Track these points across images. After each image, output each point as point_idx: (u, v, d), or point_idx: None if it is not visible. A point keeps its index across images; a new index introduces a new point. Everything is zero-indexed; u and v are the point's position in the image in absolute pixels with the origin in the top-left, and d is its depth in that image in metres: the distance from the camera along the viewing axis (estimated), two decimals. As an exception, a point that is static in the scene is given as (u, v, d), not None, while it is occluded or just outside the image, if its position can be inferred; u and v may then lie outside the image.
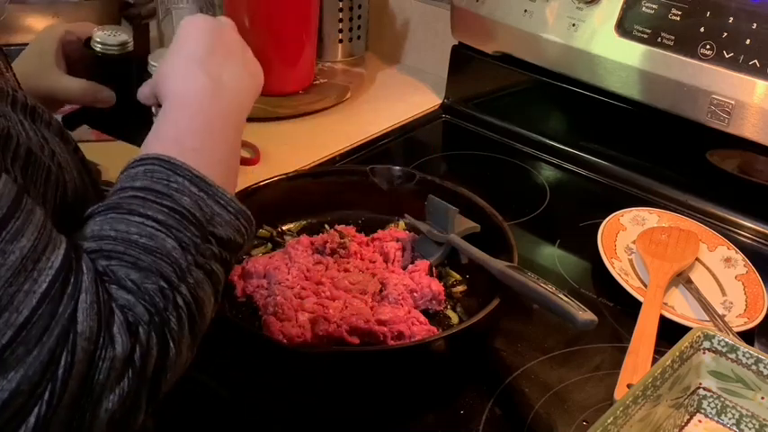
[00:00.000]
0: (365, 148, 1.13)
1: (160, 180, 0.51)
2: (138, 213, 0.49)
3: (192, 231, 0.50)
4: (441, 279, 0.83)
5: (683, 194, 1.01)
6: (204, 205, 0.51)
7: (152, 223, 0.48)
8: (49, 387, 0.40)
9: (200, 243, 0.50)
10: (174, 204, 0.50)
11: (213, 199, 0.52)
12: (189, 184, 0.51)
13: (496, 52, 1.17)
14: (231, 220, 0.53)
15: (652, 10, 0.97)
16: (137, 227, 0.48)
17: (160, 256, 0.47)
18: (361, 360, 0.71)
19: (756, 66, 0.89)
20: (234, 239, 0.53)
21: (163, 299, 0.46)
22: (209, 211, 0.51)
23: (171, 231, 0.48)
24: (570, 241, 0.94)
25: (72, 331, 0.42)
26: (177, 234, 0.49)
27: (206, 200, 0.52)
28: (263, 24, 1.16)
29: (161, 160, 0.52)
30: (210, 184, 0.52)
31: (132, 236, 0.47)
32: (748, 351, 0.64)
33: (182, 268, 0.48)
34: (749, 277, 0.85)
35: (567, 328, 0.81)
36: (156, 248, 0.47)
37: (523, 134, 1.16)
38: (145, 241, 0.47)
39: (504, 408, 0.70)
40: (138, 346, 0.44)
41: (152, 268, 0.46)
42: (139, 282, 0.46)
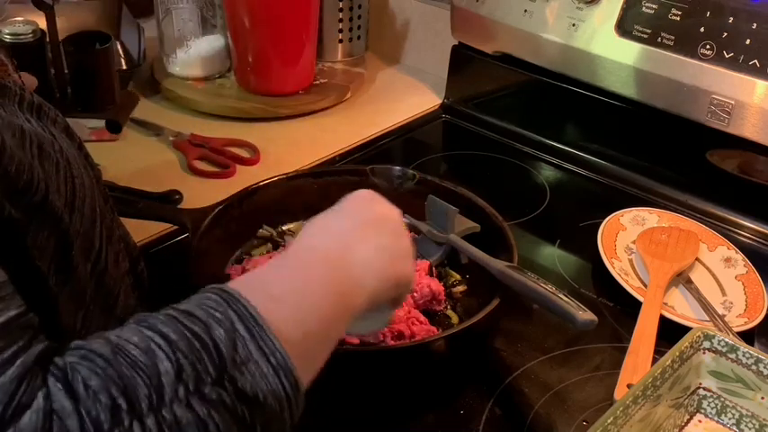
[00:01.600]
0: (365, 148, 1.13)
1: (207, 307, 0.44)
2: (154, 329, 0.42)
3: (204, 365, 0.41)
4: (441, 279, 0.83)
5: (683, 194, 1.01)
6: (242, 346, 0.43)
7: (159, 340, 0.41)
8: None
9: (205, 380, 0.41)
10: (201, 331, 0.42)
11: (257, 344, 0.43)
12: (237, 318, 0.43)
13: (496, 52, 1.17)
14: (269, 374, 0.43)
15: (652, 10, 0.97)
16: (141, 338, 0.41)
17: (142, 375, 0.40)
18: (361, 360, 0.71)
19: (756, 66, 0.89)
20: (262, 399, 0.43)
21: (110, 420, 0.38)
22: (243, 354, 0.42)
23: (175, 354, 0.41)
24: (570, 241, 0.94)
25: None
26: (181, 360, 0.41)
27: (247, 342, 0.43)
28: (263, 24, 1.16)
29: (224, 291, 0.45)
30: (262, 326, 0.43)
31: (129, 345, 0.41)
32: (748, 351, 0.64)
33: (161, 397, 0.40)
34: (749, 277, 0.85)
35: (567, 328, 0.81)
36: (145, 365, 0.40)
37: (523, 134, 1.16)
38: (136, 353, 0.40)
39: (504, 408, 0.70)
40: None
41: (121, 382, 0.39)
42: (95, 390, 0.39)
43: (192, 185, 1.00)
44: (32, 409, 0.37)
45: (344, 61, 1.36)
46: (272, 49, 1.18)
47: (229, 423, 0.41)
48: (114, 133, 1.05)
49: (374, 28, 1.38)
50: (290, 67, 1.21)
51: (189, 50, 1.23)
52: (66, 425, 0.37)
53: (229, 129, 1.14)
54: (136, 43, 1.26)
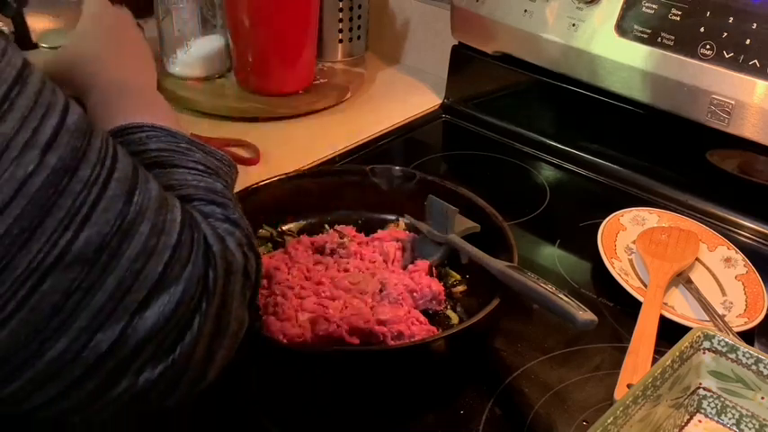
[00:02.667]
0: (365, 148, 1.13)
1: (169, 142, 0.57)
2: (181, 166, 0.55)
3: (221, 180, 0.57)
4: (441, 279, 0.83)
5: (683, 194, 1.01)
6: (207, 160, 0.58)
7: (195, 172, 0.55)
8: (204, 297, 0.46)
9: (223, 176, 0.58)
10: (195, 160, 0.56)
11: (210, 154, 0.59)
12: (188, 144, 0.58)
13: (496, 52, 1.17)
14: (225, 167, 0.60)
15: (652, 10, 0.97)
16: (190, 175, 0.55)
17: (221, 194, 0.55)
18: (361, 360, 0.71)
19: (756, 66, 0.89)
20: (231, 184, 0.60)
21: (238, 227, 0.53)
22: (212, 163, 0.58)
23: (211, 176, 0.56)
24: (570, 241, 0.94)
25: (210, 252, 0.48)
26: (216, 178, 0.56)
27: (207, 156, 0.58)
28: (263, 24, 1.16)
29: (155, 126, 0.57)
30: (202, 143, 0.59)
31: (191, 181, 0.54)
32: (748, 351, 0.64)
33: (234, 202, 0.56)
34: (749, 277, 0.85)
35: (567, 328, 0.81)
36: (218, 191, 0.55)
37: (523, 134, 1.16)
38: (204, 184, 0.54)
39: (504, 408, 0.70)
40: (248, 264, 0.52)
41: (225, 203, 0.54)
42: (228, 215, 0.53)
43: (192, 185, 0.99)
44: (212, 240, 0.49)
45: (344, 61, 1.36)
46: (272, 49, 1.18)
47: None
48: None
49: (374, 28, 1.38)
50: (290, 67, 1.21)
51: (189, 50, 1.23)
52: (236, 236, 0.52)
53: (229, 129, 1.14)
54: (136, 43, 1.26)
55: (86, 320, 0.42)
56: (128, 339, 0.43)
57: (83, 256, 0.41)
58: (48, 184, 0.40)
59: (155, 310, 0.44)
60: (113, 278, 0.42)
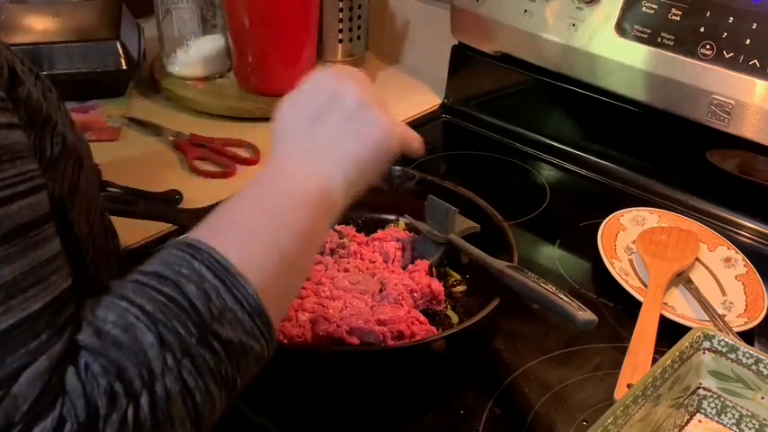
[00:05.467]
0: (365, 148, 1.13)
1: (172, 265, 0.43)
2: (127, 299, 0.42)
3: (186, 328, 0.41)
4: (441, 279, 0.83)
5: (683, 194, 1.01)
6: (216, 296, 0.43)
7: (136, 311, 0.41)
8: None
9: (191, 344, 0.41)
10: (173, 292, 0.42)
11: (230, 291, 0.43)
12: (205, 270, 0.43)
13: (496, 52, 1.17)
14: (244, 320, 0.43)
15: (652, 10, 0.97)
16: (119, 315, 0.41)
17: (129, 353, 0.40)
18: (361, 360, 0.71)
19: (756, 66, 0.89)
20: (245, 344, 0.43)
21: (108, 404, 0.38)
22: (219, 304, 0.43)
23: (155, 325, 0.41)
24: (570, 241, 0.94)
25: (6, 387, 0.36)
26: (161, 329, 0.40)
27: (220, 290, 0.43)
28: (263, 24, 1.16)
29: (187, 244, 0.45)
30: (232, 272, 0.43)
31: (108, 324, 0.41)
32: (748, 351, 0.64)
33: (151, 372, 0.40)
34: (749, 277, 0.85)
35: (567, 328, 0.81)
36: (128, 343, 0.40)
37: (523, 134, 1.16)
38: (117, 333, 0.40)
39: (504, 408, 0.70)
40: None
41: (114, 364, 0.39)
42: (93, 373, 0.39)
43: (192, 185, 1.00)
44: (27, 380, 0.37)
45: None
46: (272, 49, 1.18)
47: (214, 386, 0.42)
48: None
49: (374, 28, 1.38)
50: (290, 67, 1.21)
51: (189, 50, 1.23)
52: (75, 405, 0.38)
53: (229, 129, 1.14)
54: (136, 43, 1.26)
55: None
56: None
57: None
58: None
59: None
60: None
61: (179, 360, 0.40)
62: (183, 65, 1.23)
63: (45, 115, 0.52)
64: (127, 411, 0.39)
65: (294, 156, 0.53)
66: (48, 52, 1.14)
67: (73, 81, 1.14)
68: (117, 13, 1.25)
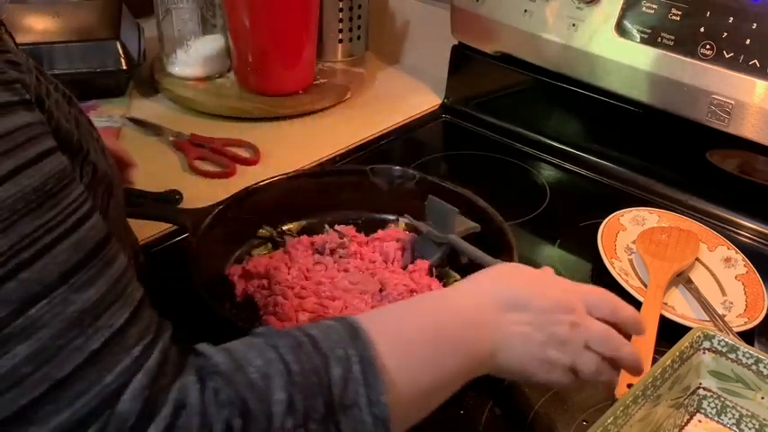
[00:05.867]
0: (365, 148, 1.13)
1: (329, 338, 0.45)
2: (278, 352, 0.43)
3: (316, 404, 0.42)
4: (441, 279, 0.83)
5: (683, 194, 1.01)
6: (352, 389, 0.43)
7: (280, 367, 0.42)
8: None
9: (314, 419, 0.42)
10: (320, 366, 0.43)
11: (366, 390, 0.44)
12: (356, 359, 0.44)
13: (496, 52, 1.17)
14: (368, 422, 0.44)
15: (652, 10, 0.97)
16: (263, 361, 0.42)
17: (258, 399, 0.41)
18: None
19: (756, 66, 0.89)
20: None
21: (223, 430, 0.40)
22: (352, 398, 0.43)
23: (292, 386, 0.42)
24: (570, 241, 0.94)
25: (110, 407, 0.38)
26: (295, 394, 0.42)
27: (359, 386, 0.44)
28: (263, 24, 1.16)
29: (352, 326, 0.46)
30: (378, 376, 0.44)
31: (250, 367, 0.42)
32: (748, 351, 0.64)
33: (270, 425, 0.41)
34: (749, 277, 0.85)
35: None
36: (261, 390, 0.41)
37: (523, 134, 1.16)
38: (256, 378, 0.41)
39: (504, 408, 0.70)
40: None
41: (242, 402, 0.41)
42: (219, 400, 0.40)
43: (192, 185, 1.00)
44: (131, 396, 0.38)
45: (344, 61, 1.36)
46: (272, 49, 1.18)
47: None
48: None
49: (374, 28, 1.38)
50: (290, 67, 1.21)
51: (189, 50, 1.23)
52: (189, 423, 0.39)
53: (229, 129, 1.14)
54: (136, 43, 1.26)
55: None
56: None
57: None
58: None
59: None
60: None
61: (296, 427, 0.41)
62: (183, 65, 1.23)
63: (76, 145, 0.51)
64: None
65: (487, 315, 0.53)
66: (48, 52, 1.14)
67: (73, 81, 1.14)
68: (117, 13, 1.25)
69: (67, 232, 0.38)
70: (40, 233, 0.37)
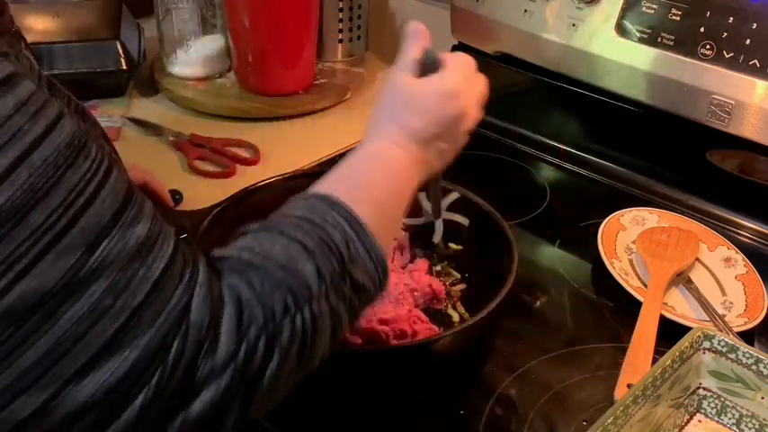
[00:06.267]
0: (365, 148, 1.13)
1: (317, 213, 0.52)
2: (287, 235, 0.49)
3: (334, 265, 0.50)
4: (441, 278, 0.83)
5: (683, 194, 1.01)
6: (352, 245, 0.51)
7: (297, 246, 0.49)
8: (159, 370, 0.41)
9: (337, 278, 0.50)
10: (324, 236, 0.50)
11: (362, 243, 0.52)
12: (344, 222, 0.52)
13: (496, 52, 1.17)
14: (370, 267, 0.52)
15: (652, 10, 0.97)
16: (281, 246, 0.48)
17: (295, 276, 0.47)
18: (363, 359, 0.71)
19: (756, 66, 0.89)
20: (367, 288, 0.52)
21: (282, 312, 0.46)
22: (354, 252, 0.51)
23: (313, 257, 0.49)
24: (570, 241, 0.94)
25: (185, 319, 0.42)
26: (318, 262, 0.49)
27: (355, 241, 0.51)
28: (263, 24, 1.16)
29: (324, 197, 0.53)
30: (364, 228, 0.52)
31: (274, 254, 0.48)
32: (748, 351, 0.64)
33: (311, 293, 0.48)
34: (749, 277, 0.85)
35: (567, 328, 0.81)
36: (294, 269, 0.48)
37: (523, 134, 1.16)
38: (284, 261, 0.48)
39: (504, 408, 0.70)
40: (244, 345, 0.44)
41: (282, 283, 0.47)
42: (267, 289, 0.46)
43: (192, 185, 1.00)
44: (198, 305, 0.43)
45: (344, 61, 1.36)
46: (272, 49, 1.18)
47: (345, 311, 0.51)
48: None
49: (374, 28, 1.38)
50: (290, 67, 1.21)
51: (189, 50, 1.23)
52: (253, 312, 0.45)
53: (229, 129, 1.14)
54: (136, 43, 1.26)
55: (9, 379, 0.38)
56: (53, 411, 0.39)
57: (13, 311, 0.37)
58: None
59: (96, 377, 0.39)
60: (47, 339, 0.38)
61: (328, 288, 0.49)
62: (183, 65, 1.23)
63: None
64: (295, 319, 0.46)
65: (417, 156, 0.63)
66: (48, 52, 1.14)
67: (73, 81, 1.14)
68: (117, 13, 1.25)
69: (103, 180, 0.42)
70: (84, 183, 0.40)
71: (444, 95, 0.65)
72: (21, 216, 0.37)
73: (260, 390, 0.46)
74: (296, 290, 0.47)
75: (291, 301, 0.47)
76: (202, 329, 0.43)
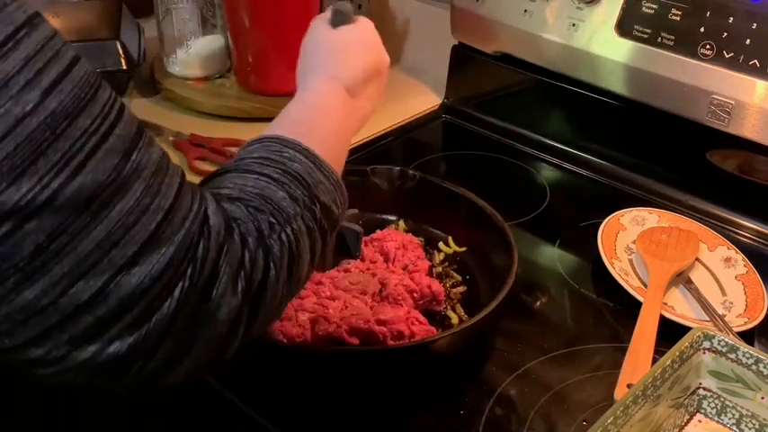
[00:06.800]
0: (365, 148, 1.13)
1: (274, 151, 0.57)
2: (254, 172, 0.54)
3: (302, 190, 0.54)
4: (441, 280, 0.83)
5: (683, 194, 1.01)
6: (312, 172, 0.56)
7: (266, 179, 0.54)
8: (191, 265, 0.45)
9: (307, 201, 0.55)
10: (285, 168, 0.55)
11: (319, 170, 0.57)
12: (299, 155, 0.57)
13: (496, 52, 1.17)
14: (331, 189, 0.57)
15: (652, 10, 0.97)
16: (252, 181, 0.53)
17: (271, 202, 0.52)
18: (361, 360, 0.71)
19: (756, 66, 0.89)
20: (332, 208, 0.57)
21: (269, 228, 0.51)
22: (316, 177, 0.56)
23: (282, 186, 0.54)
24: (570, 241, 0.94)
25: (206, 224, 0.47)
26: (288, 189, 0.54)
27: (313, 169, 0.56)
28: (263, 24, 1.16)
29: (276, 137, 0.58)
30: (318, 156, 0.57)
31: (247, 187, 0.53)
32: (748, 351, 0.64)
33: (289, 215, 0.53)
34: (749, 277, 0.85)
35: (567, 328, 0.81)
36: (268, 197, 0.53)
37: (523, 134, 1.16)
38: (258, 191, 0.53)
39: (504, 408, 0.70)
40: (247, 254, 0.49)
41: (262, 207, 0.52)
42: (251, 212, 0.51)
43: (192, 185, 0.99)
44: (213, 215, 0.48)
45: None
46: (272, 49, 1.18)
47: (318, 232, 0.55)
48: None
49: (374, 28, 1.38)
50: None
51: (189, 50, 1.23)
52: (247, 228, 0.50)
53: (229, 129, 1.14)
54: (136, 43, 1.26)
55: (69, 266, 0.42)
56: (109, 295, 0.43)
57: (73, 201, 0.42)
58: (45, 125, 0.41)
59: (142, 267, 0.44)
60: (102, 228, 0.42)
61: (302, 210, 0.54)
62: (183, 65, 1.23)
63: None
64: (281, 235, 0.51)
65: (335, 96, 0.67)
66: (48, 52, 1.14)
67: (73, 81, 1.14)
68: (117, 13, 1.25)
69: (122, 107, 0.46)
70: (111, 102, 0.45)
71: (363, 43, 0.71)
72: (71, 119, 0.42)
73: (263, 302, 0.50)
74: (275, 212, 0.52)
75: (275, 221, 0.51)
76: (220, 234, 0.48)
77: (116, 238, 0.43)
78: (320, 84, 0.67)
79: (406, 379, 0.72)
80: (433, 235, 0.90)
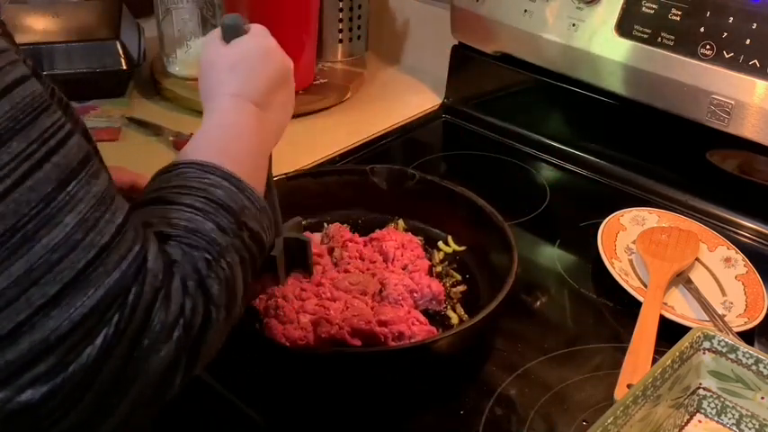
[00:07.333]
0: (365, 148, 1.13)
1: (193, 179, 0.54)
2: (177, 203, 0.51)
3: (228, 218, 0.52)
4: (441, 280, 0.83)
5: (683, 194, 1.01)
6: (237, 198, 0.54)
7: (190, 210, 0.51)
8: (119, 311, 0.42)
9: (235, 229, 0.53)
10: (209, 196, 0.53)
11: (243, 193, 0.55)
12: (221, 179, 0.54)
13: (496, 52, 1.17)
14: (256, 214, 0.55)
15: (652, 10, 0.97)
16: (177, 213, 0.51)
17: (201, 236, 0.50)
18: (362, 361, 0.71)
19: (756, 66, 0.89)
20: (260, 234, 0.55)
21: (207, 267, 0.49)
22: (240, 203, 0.54)
23: (208, 216, 0.51)
24: (570, 241, 0.94)
25: (143, 267, 0.44)
26: (215, 219, 0.51)
27: (237, 194, 0.54)
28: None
29: (193, 163, 0.55)
30: (240, 180, 0.55)
31: (173, 220, 0.50)
32: (748, 351, 0.64)
33: (221, 246, 0.50)
34: (749, 277, 0.85)
35: (567, 328, 0.81)
36: (197, 229, 0.50)
37: (523, 134, 1.16)
38: (185, 224, 0.50)
39: (504, 408, 0.70)
40: (188, 301, 0.46)
41: (196, 243, 0.49)
42: (187, 250, 0.49)
43: (192, 185, 0.99)
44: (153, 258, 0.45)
45: (344, 61, 1.36)
46: (272, 49, 1.18)
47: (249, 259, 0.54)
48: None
49: (374, 28, 1.38)
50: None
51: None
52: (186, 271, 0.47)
53: (229, 129, 1.14)
54: (136, 43, 1.26)
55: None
56: (20, 337, 0.40)
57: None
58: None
59: (62, 310, 0.40)
60: (22, 263, 0.40)
61: (232, 239, 0.52)
62: (183, 65, 1.23)
63: None
64: (218, 272, 0.49)
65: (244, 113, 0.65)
66: (48, 52, 1.14)
67: (73, 81, 1.14)
68: (117, 13, 1.25)
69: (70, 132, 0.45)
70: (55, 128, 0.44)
71: (261, 53, 0.67)
72: (4, 140, 0.40)
73: (204, 345, 0.48)
74: (209, 247, 0.50)
75: (210, 257, 0.49)
76: (157, 279, 0.45)
77: (37, 275, 0.40)
78: (225, 103, 0.64)
79: (406, 379, 0.72)
80: (433, 234, 0.90)
